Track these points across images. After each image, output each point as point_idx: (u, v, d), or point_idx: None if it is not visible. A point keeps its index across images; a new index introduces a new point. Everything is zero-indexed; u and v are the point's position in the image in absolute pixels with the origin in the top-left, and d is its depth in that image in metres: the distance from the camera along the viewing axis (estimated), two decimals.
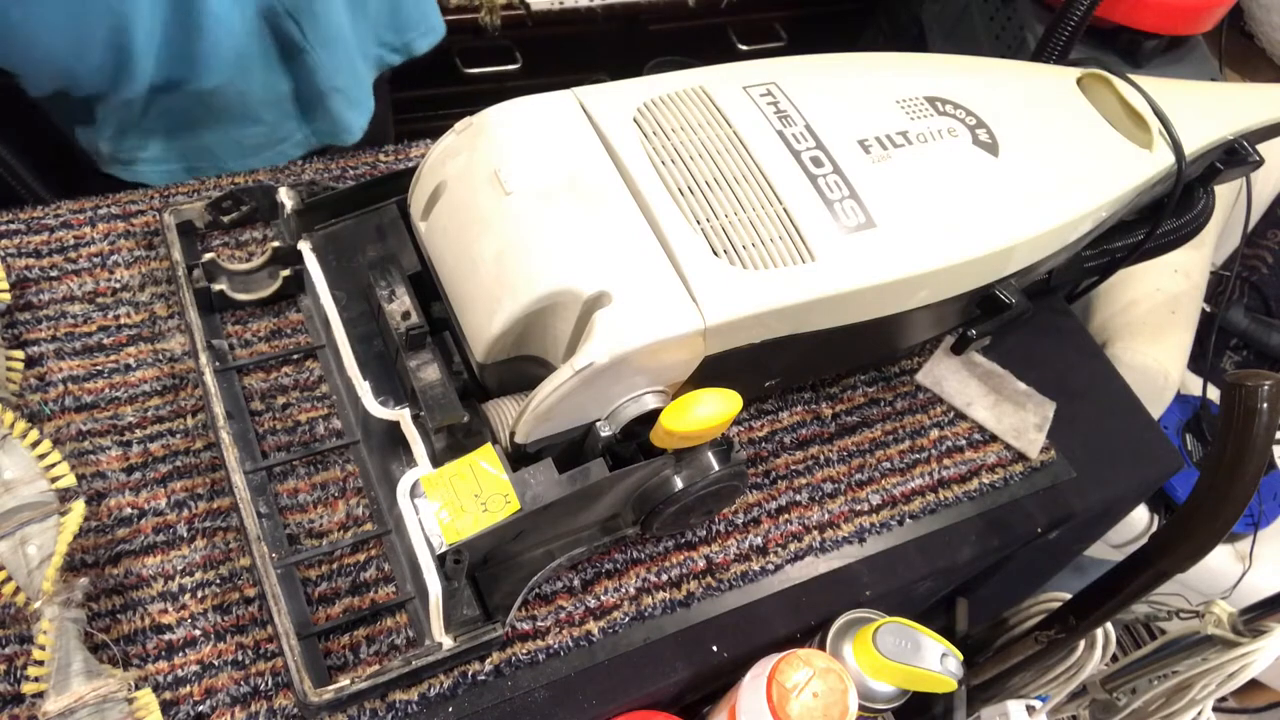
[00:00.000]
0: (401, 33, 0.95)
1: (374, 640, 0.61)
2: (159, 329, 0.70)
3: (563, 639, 0.64)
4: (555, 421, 0.57)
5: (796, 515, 0.73)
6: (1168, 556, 0.67)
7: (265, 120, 0.89)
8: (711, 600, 0.68)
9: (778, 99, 0.64)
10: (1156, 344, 1.17)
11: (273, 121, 0.90)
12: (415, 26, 0.96)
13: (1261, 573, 1.28)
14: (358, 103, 0.94)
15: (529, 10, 1.44)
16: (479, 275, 0.57)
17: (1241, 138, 0.77)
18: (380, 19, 0.92)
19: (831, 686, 0.62)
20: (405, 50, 0.96)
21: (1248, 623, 0.76)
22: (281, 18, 0.81)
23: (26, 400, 0.65)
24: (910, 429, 0.80)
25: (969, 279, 0.66)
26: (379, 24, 0.92)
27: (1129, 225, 0.80)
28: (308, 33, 0.83)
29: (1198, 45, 1.50)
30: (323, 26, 0.84)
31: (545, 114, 0.61)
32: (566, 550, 0.64)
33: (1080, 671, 0.86)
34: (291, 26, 0.82)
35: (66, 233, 0.73)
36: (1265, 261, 1.49)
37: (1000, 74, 0.75)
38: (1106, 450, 0.84)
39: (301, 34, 0.82)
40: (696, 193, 0.59)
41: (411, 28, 0.95)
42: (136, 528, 0.62)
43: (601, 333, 0.53)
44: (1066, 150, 0.70)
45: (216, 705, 0.58)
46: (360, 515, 0.65)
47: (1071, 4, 0.90)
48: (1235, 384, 0.56)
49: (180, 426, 0.66)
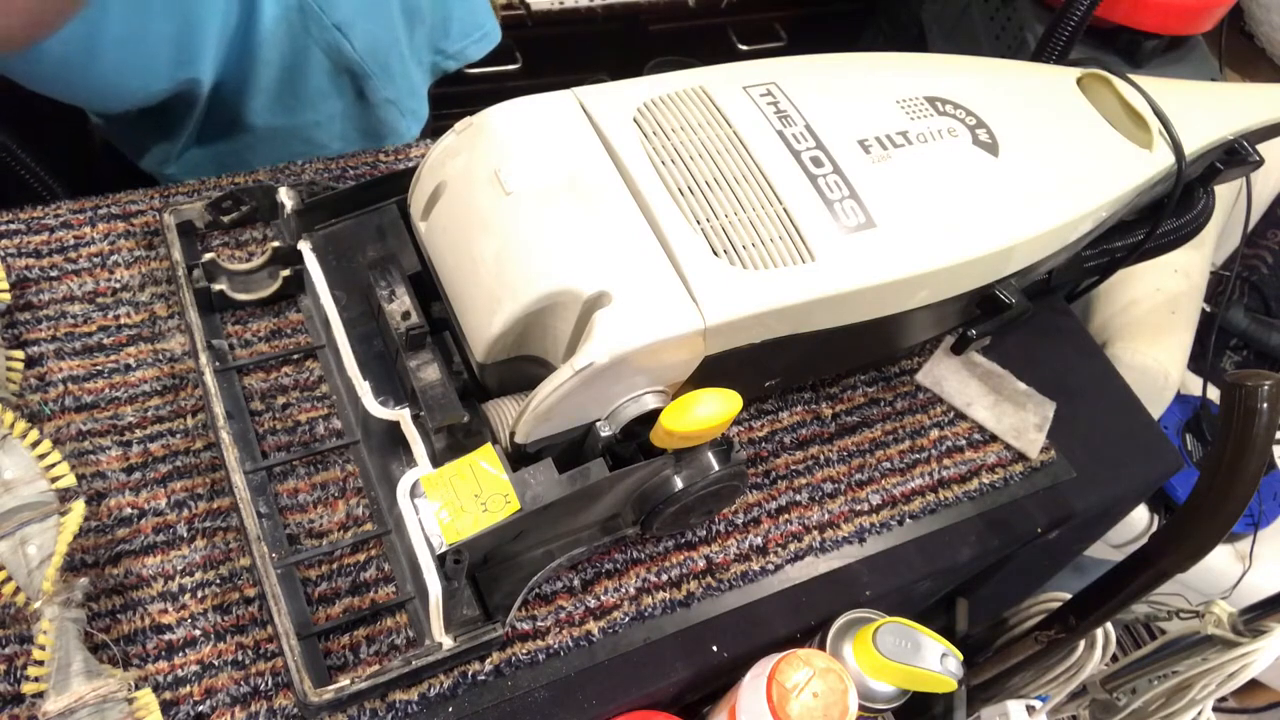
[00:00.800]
0: (458, 40, 0.94)
1: (374, 640, 0.61)
2: (159, 329, 0.70)
3: (563, 639, 0.64)
4: (555, 421, 0.57)
5: (796, 515, 0.73)
6: (1168, 556, 0.67)
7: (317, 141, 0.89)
8: (711, 600, 0.68)
9: (778, 99, 0.64)
10: (1156, 344, 1.17)
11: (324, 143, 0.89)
12: (471, 33, 0.95)
13: (1261, 573, 1.29)
14: (411, 112, 0.93)
15: (529, 10, 1.44)
16: (479, 275, 0.57)
17: (1241, 138, 0.77)
18: (436, 27, 0.91)
19: (831, 686, 0.62)
20: (461, 57, 0.96)
21: (1248, 623, 0.76)
22: (330, 31, 0.80)
23: (26, 400, 0.65)
24: (910, 429, 0.80)
25: (969, 279, 0.66)
26: (435, 32, 0.92)
27: (1129, 225, 0.80)
28: (357, 46, 0.82)
29: (1198, 45, 1.50)
30: (373, 38, 0.83)
31: (545, 114, 0.61)
32: (566, 550, 0.64)
33: (1080, 671, 0.86)
34: (342, 40, 0.81)
35: (66, 233, 0.73)
36: (1265, 261, 1.49)
37: (1000, 74, 0.75)
38: (1106, 450, 0.84)
39: (352, 48, 0.82)
40: (696, 193, 0.59)
41: (467, 34, 0.95)
42: (136, 528, 0.62)
43: (601, 333, 0.53)
44: (1066, 150, 0.70)
45: (216, 705, 0.58)
46: (360, 515, 0.65)
47: (1071, 4, 0.90)
48: (1235, 384, 0.56)
49: (180, 426, 0.66)
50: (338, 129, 0.89)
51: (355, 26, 0.81)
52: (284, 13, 0.78)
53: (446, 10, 0.92)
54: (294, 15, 0.78)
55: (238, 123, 0.85)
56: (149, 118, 0.81)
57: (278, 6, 0.77)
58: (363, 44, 0.83)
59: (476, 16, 0.96)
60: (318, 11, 0.78)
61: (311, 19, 0.79)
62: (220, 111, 0.83)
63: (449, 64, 0.95)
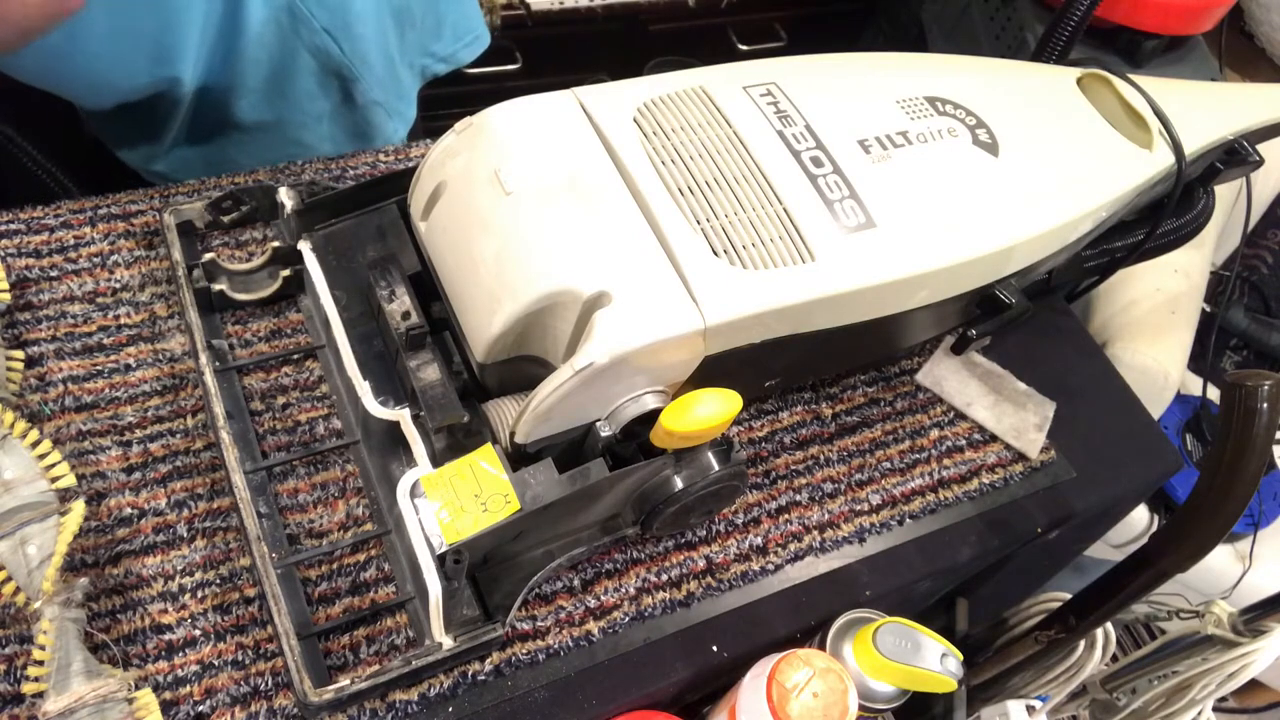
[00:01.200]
0: (449, 43, 0.94)
1: (374, 640, 0.61)
2: (159, 329, 0.70)
3: (563, 639, 0.64)
4: (555, 421, 0.57)
5: (796, 515, 0.73)
6: (1168, 556, 0.67)
7: (304, 142, 0.89)
8: (711, 600, 0.68)
9: (778, 99, 0.64)
10: (1156, 344, 1.17)
11: (311, 144, 0.89)
12: (462, 37, 0.95)
13: (1261, 573, 1.29)
14: (398, 114, 0.93)
15: (529, 10, 1.44)
16: (479, 275, 0.57)
17: (1241, 138, 0.77)
18: (427, 30, 0.91)
19: (831, 686, 0.62)
20: (452, 60, 0.96)
21: (1248, 623, 0.76)
22: (319, 35, 0.80)
23: (26, 400, 0.65)
24: (910, 429, 0.80)
25: (969, 279, 0.66)
26: (426, 35, 0.92)
27: (1129, 225, 0.80)
28: (345, 49, 0.83)
29: (1198, 45, 1.50)
30: (362, 41, 0.84)
31: (545, 114, 0.61)
32: (566, 550, 0.64)
33: (1080, 671, 0.86)
34: (330, 43, 0.81)
35: (66, 233, 0.73)
36: (1265, 261, 1.49)
37: (1000, 74, 0.75)
38: (1106, 450, 0.84)
39: (340, 51, 0.82)
40: (696, 193, 0.59)
41: (458, 38, 0.95)
42: (136, 528, 0.62)
43: (601, 333, 0.53)
44: (1066, 150, 0.70)
45: (216, 705, 0.58)
46: (360, 515, 0.65)
47: (1071, 4, 0.90)
48: (1235, 384, 0.56)
49: (180, 426, 0.66)
50: (325, 129, 0.90)
51: (344, 30, 0.81)
52: (273, 14, 0.78)
53: (438, 14, 0.92)
54: (283, 17, 0.78)
55: (225, 121, 0.85)
56: (133, 113, 0.81)
57: (266, 8, 0.77)
58: (351, 47, 0.83)
59: (468, 20, 0.96)
60: (307, 15, 0.79)
61: (301, 22, 0.79)
62: (207, 110, 0.83)
63: (439, 67, 0.96)
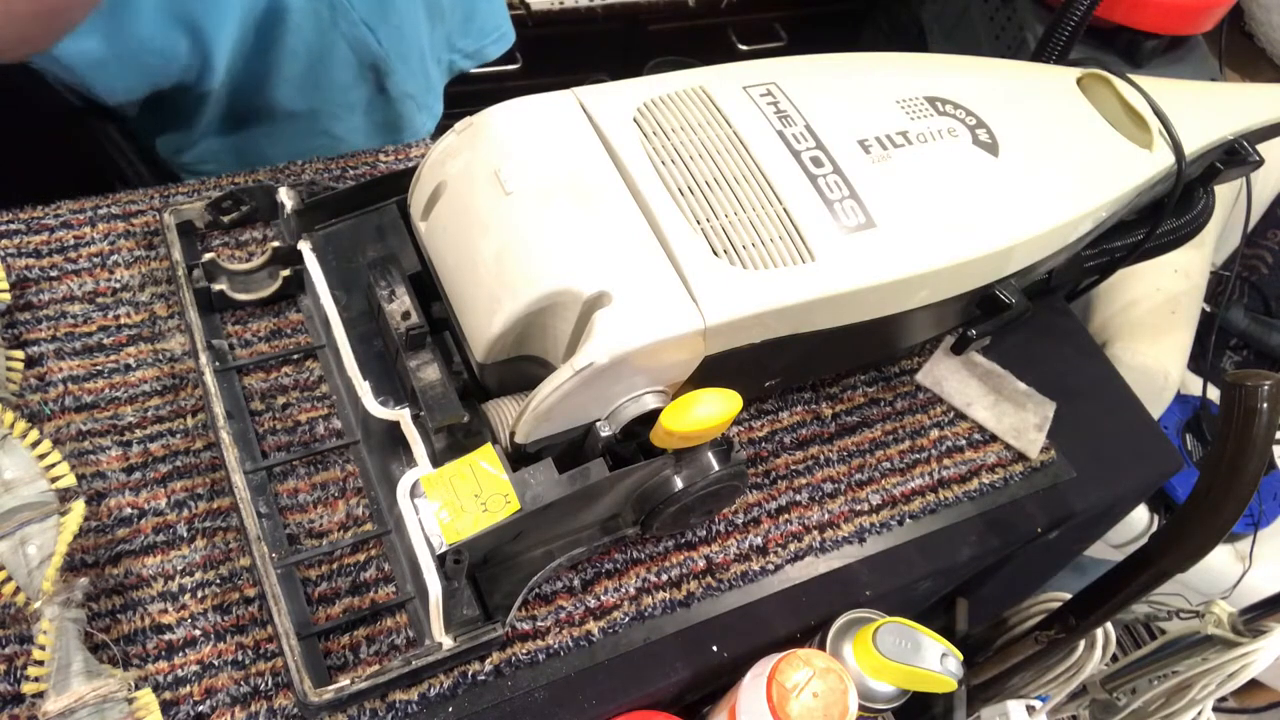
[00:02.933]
0: (476, 39, 0.95)
1: (374, 640, 0.61)
2: (159, 329, 0.70)
3: (563, 639, 0.64)
4: (555, 421, 0.57)
5: (796, 515, 0.73)
6: (1168, 556, 0.67)
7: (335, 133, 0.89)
8: (711, 600, 0.68)
9: (778, 99, 0.64)
10: (1156, 344, 1.18)
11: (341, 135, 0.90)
12: (489, 33, 0.96)
13: (1261, 573, 1.29)
14: (426, 107, 0.94)
15: (529, 10, 1.44)
16: (479, 275, 0.57)
17: (1241, 138, 0.77)
18: (455, 25, 0.92)
19: (831, 686, 0.62)
20: (478, 56, 0.97)
21: (1248, 623, 0.76)
22: (358, 26, 0.81)
23: (26, 400, 0.65)
24: (910, 429, 0.80)
25: (969, 279, 0.66)
26: (454, 30, 0.92)
27: (1129, 225, 0.80)
28: (383, 41, 0.83)
29: (1198, 45, 1.50)
30: (398, 34, 0.84)
31: (545, 114, 0.61)
32: (566, 550, 0.64)
33: (1080, 671, 0.86)
34: (368, 35, 0.82)
35: (66, 233, 0.73)
36: (1265, 261, 1.49)
37: (1000, 74, 0.75)
38: (1106, 450, 0.84)
39: (378, 42, 0.82)
40: (696, 193, 0.59)
41: (486, 34, 0.96)
42: (136, 528, 0.62)
43: (601, 333, 0.53)
44: (1066, 150, 0.70)
45: (216, 705, 0.58)
46: (360, 515, 0.65)
47: (1071, 4, 0.90)
48: (1235, 384, 0.56)
49: (180, 426, 0.66)
50: (357, 121, 0.90)
51: (382, 22, 0.82)
52: (312, 5, 0.78)
53: (468, 9, 0.92)
54: (323, 8, 0.79)
55: (258, 111, 0.85)
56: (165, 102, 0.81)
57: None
58: (388, 39, 0.83)
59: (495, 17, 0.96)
60: (347, 6, 0.79)
61: (340, 13, 0.79)
62: (241, 99, 0.83)
63: (465, 63, 0.96)
